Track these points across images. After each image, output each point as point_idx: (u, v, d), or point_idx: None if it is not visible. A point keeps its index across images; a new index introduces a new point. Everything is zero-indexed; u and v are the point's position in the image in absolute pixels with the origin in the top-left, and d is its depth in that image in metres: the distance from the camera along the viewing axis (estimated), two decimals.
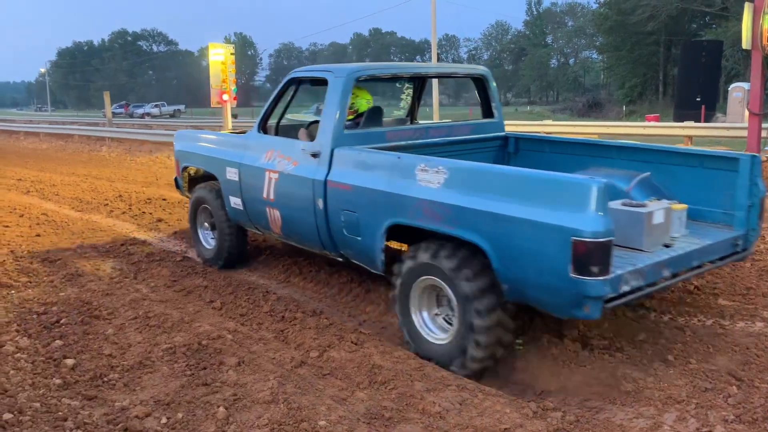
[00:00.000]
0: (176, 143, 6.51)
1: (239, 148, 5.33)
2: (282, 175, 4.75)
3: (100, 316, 4.52)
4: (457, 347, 3.62)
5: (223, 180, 5.50)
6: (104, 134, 23.76)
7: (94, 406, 3.20)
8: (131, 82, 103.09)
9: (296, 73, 5.12)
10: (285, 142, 4.94)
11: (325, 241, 4.54)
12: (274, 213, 4.91)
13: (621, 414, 3.11)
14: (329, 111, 4.46)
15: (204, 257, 6.10)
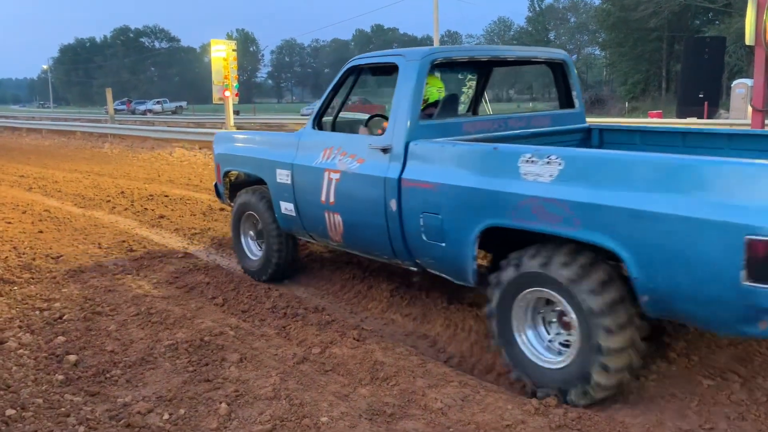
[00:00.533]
0: (216, 146, 5.95)
1: (291, 148, 4.81)
2: (345, 174, 4.24)
3: (103, 313, 4.53)
4: (577, 373, 3.07)
5: (272, 184, 4.99)
6: (106, 131, 23.80)
7: (97, 402, 3.21)
8: (133, 78, 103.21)
9: (357, 61, 4.53)
10: (347, 137, 4.47)
11: (397, 248, 4.02)
12: (335, 218, 4.39)
13: (623, 411, 3.10)
14: (401, 100, 3.94)
15: (248, 269, 5.57)
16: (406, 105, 3.91)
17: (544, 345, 3.32)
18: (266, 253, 5.32)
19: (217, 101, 19.83)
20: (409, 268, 4.16)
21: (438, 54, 4.09)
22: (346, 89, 4.75)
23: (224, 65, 18.78)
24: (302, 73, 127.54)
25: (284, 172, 4.81)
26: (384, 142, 4.01)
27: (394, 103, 3.97)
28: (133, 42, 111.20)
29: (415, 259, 3.99)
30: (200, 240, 7.06)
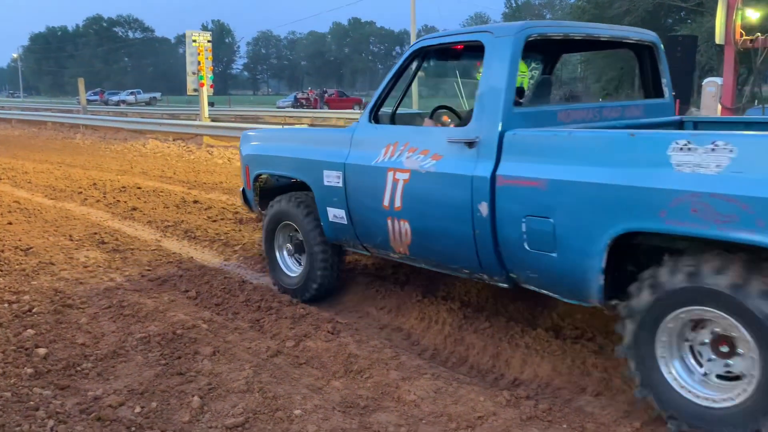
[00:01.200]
0: (244, 146, 5.26)
1: (342, 145, 4.19)
2: (415, 174, 3.64)
3: (73, 305, 4.48)
4: (754, 415, 2.46)
5: (317, 187, 4.36)
6: (78, 121, 23.45)
7: (67, 396, 3.18)
8: (106, 68, 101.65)
9: (425, 42, 3.92)
10: (417, 131, 3.95)
11: (486, 260, 3.40)
12: (400, 226, 3.80)
13: (593, 402, 3.16)
14: (492, 84, 3.36)
15: (285, 287, 4.84)
16: (499, 89, 3.31)
17: (697, 379, 2.72)
18: (308, 268, 4.63)
19: (192, 93, 19.67)
20: (496, 284, 3.56)
21: (533, 29, 3.46)
22: (408, 76, 4.17)
23: (199, 56, 18.62)
24: (278, 66, 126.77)
25: (334, 173, 4.19)
26: (469, 134, 3.40)
27: (481, 89, 3.41)
28: (106, 31, 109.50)
29: (508, 273, 3.39)
30: (173, 232, 6.99)
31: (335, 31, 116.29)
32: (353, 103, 46.50)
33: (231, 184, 10.27)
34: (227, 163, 13.34)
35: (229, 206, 8.28)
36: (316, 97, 45.18)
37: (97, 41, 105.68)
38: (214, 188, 10.00)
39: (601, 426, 2.91)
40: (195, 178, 11.19)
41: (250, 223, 7.27)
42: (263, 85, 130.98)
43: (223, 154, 14.57)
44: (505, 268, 3.37)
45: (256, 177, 5.07)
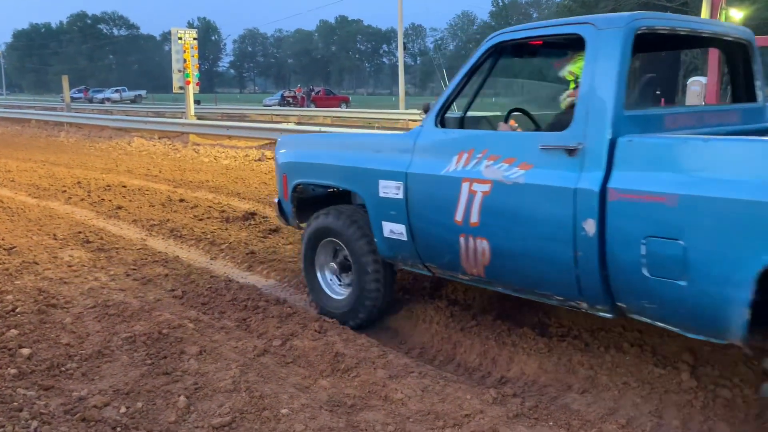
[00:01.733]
0: (281, 152, 4.76)
1: (402, 152, 3.75)
2: (499, 186, 3.20)
3: (57, 305, 4.43)
4: None
5: (371, 199, 3.91)
6: (63, 119, 23.23)
7: (51, 396, 3.14)
8: (91, 66, 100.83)
9: (503, 36, 3.46)
10: (498, 136, 3.52)
11: (589, 287, 2.95)
12: (476, 245, 3.35)
13: (578, 400, 3.18)
14: (596, 84, 2.96)
15: (328, 310, 4.34)
16: (607, 90, 2.91)
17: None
18: (358, 290, 4.13)
19: (178, 90, 19.57)
20: (596, 313, 3.10)
21: (642, 21, 3.03)
22: (481, 75, 3.73)
23: (185, 54, 18.52)
24: (265, 63, 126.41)
25: (392, 183, 3.75)
26: (569, 140, 2.97)
27: (583, 89, 3.01)
28: (91, 28, 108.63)
29: (615, 302, 2.94)
30: (159, 231, 6.95)
31: (322, 29, 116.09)
32: (340, 101, 46.48)
33: (217, 183, 10.22)
34: (213, 162, 13.28)
35: (215, 205, 8.24)
36: (303, 95, 45.08)
37: (81, 38, 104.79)
38: (200, 187, 9.95)
39: (586, 423, 2.93)
40: (181, 176, 11.13)
41: (236, 222, 7.24)
42: (250, 83, 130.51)
43: (210, 152, 14.50)
44: (612, 296, 2.91)
45: (295, 187, 4.56)
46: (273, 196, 8.93)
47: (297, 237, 6.48)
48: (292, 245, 6.20)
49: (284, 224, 4.99)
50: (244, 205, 8.26)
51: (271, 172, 11.45)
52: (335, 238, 4.25)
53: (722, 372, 3.30)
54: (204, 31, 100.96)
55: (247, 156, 13.46)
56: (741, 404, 3.04)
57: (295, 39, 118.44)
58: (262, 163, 12.65)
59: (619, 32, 2.96)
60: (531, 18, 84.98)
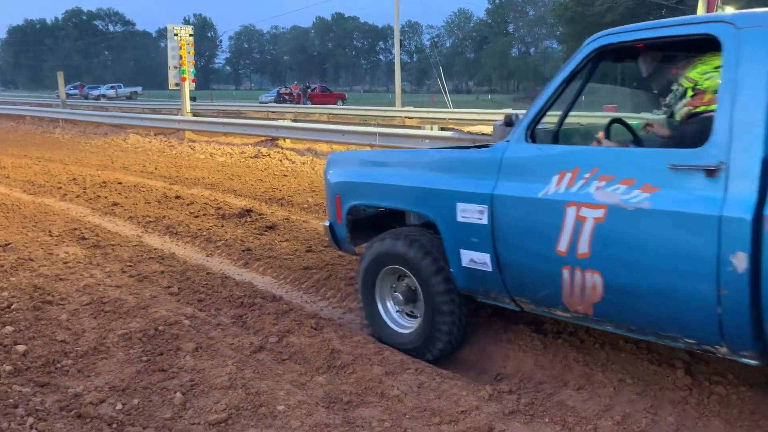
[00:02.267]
0: (334, 171, 4.33)
1: (484, 171, 3.30)
2: (616, 211, 2.76)
3: (53, 302, 4.42)
4: None
5: (447, 224, 3.46)
6: (58, 116, 23.14)
7: (47, 393, 3.14)
8: (86, 62, 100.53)
9: (607, 38, 3.03)
10: (610, 153, 3.03)
11: (733, 330, 2.57)
12: (585, 279, 2.91)
13: (575, 396, 3.19)
14: (739, 93, 2.54)
15: (394, 345, 3.84)
16: (757, 99, 2.50)
17: None
18: (428, 324, 3.67)
19: (174, 87, 19.51)
20: (738, 359, 2.69)
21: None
22: (579, 82, 3.27)
23: (181, 51, 18.48)
24: (261, 60, 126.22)
25: (474, 207, 3.30)
26: (707, 158, 2.56)
27: (722, 99, 2.59)
28: (86, 25, 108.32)
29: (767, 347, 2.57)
30: (155, 228, 6.94)
31: (318, 26, 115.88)
32: (336, 98, 46.48)
33: (213, 180, 10.20)
34: (209, 158, 13.25)
35: (211, 202, 8.22)
36: (299, 92, 45.03)
37: (76, 34, 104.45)
38: (196, 183, 9.93)
39: (582, 419, 2.94)
40: (177, 173, 11.10)
41: (232, 219, 7.24)
42: (246, 80, 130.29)
43: (205, 149, 14.47)
44: (765, 340, 2.54)
45: (350, 209, 4.12)
46: (269, 193, 8.93)
47: (293, 234, 6.48)
48: (288, 242, 6.20)
49: (336, 249, 4.48)
50: (240, 202, 8.25)
51: (268, 169, 11.44)
52: (401, 266, 3.78)
53: (717, 369, 3.32)
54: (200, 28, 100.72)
55: (243, 153, 13.44)
56: (735, 401, 3.05)
57: (292, 36, 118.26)
58: (258, 160, 12.64)
59: (766, 32, 2.56)
60: (527, 15, 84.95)
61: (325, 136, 13.67)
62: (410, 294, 3.84)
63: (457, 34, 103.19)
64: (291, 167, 11.60)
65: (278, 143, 14.40)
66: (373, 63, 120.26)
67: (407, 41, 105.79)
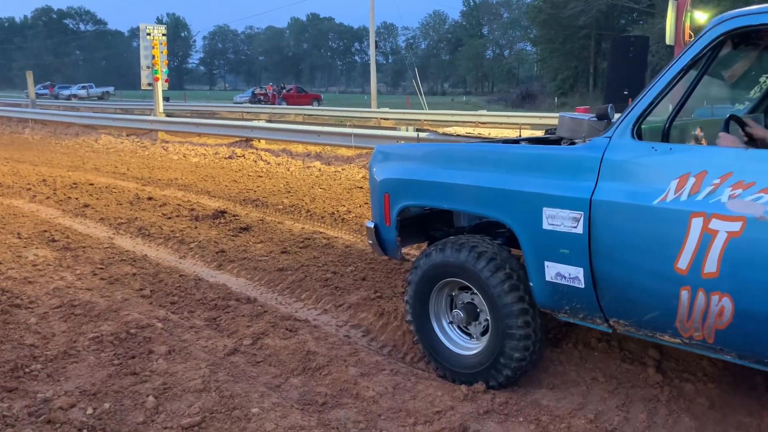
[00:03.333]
0: (381, 166, 3.85)
1: (580, 171, 2.86)
2: (758, 225, 2.34)
3: (21, 305, 4.34)
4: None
5: (529, 232, 3.01)
6: (27, 116, 22.72)
7: (15, 398, 3.08)
8: (57, 62, 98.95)
9: (736, 21, 2.58)
10: (746, 155, 2.51)
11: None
12: (710, 301, 2.51)
13: (548, 395, 3.21)
14: None
15: (450, 366, 3.40)
16: None
17: None
18: (497, 346, 3.17)
19: (146, 87, 19.29)
20: None
21: None
22: (695, 74, 2.79)
23: (153, 50, 18.29)
24: (236, 60, 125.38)
25: (566, 213, 2.86)
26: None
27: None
28: (56, 23, 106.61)
29: None
30: (127, 230, 6.84)
31: (293, 27, 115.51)
32: (312, 99, 46.39)
33: (186, 181, 10.10)
34: (182, 159, 13.12)
35: (185, 203, 8.14)
36: (275, 92, 44.82)
37: (46, 33, 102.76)
38: (169, 185, 9.82)
39: (556, 418, 2.96)
40: (149, 174, 10.97)
41: (206, 220, 7.17)
42: (220, 80, 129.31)
43: (179, 150, 14.32)
44: None
45: (401, 210, 3.66)
46: (243, 194, 8.87)
47: (268, 236, 6.45)
48: (263, 243, 6.16)
49: (380, 255, 3.97)
50: (214, 204, 8.18)
51: (243, 170, 11.36)
52: (464, 280, 3.31)
53: (687, 367, 3.37)
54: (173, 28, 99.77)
55: (217, 154, 13.33)
56: (704, 398, 3.11)
57: (267, 36, 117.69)
58: (233, 160, 12.54)
59: None
60: (501, 18, 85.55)
61: (300, 137, 13.62)
62: (471, 311, 3.38)
63: (432, 35, 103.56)
64: (266, 168, 11.54)
65: (253, 144, 14.31)
66: (349, 64, 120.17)
67: (383, 43, 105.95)
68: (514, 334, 3.11)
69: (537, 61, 63.90)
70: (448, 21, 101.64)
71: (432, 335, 3.49)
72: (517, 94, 48.77)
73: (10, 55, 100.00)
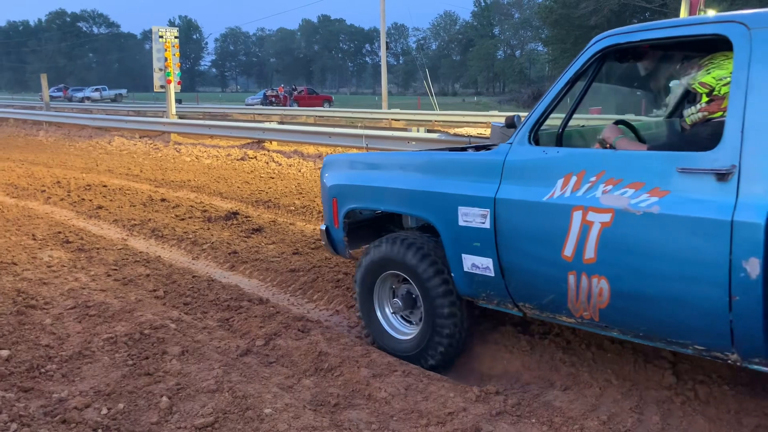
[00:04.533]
0: (330, 174, 4.26)
1: (487, 174, 3.25)
2: (623, 215, 2.70)
3: (37, 306, 4.38)
4: None
5: (448, 228, 3.40)
6: (41, 118, 22.92)
7: (31, 398, 3.11)
8: (70, 64, 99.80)
9: (612, 38, 3.01)
10: (617, 156, 2.90)
11: (745, 337, 2.53)
12: (591, 284, 2.87)
13: (560, 397, 3.20)
14: (750, 93, 2.51)
15: (393, 352, 3.80)
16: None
17: None
18: (428, 330, 3.62)
19: (159, 89, 19.40)
20: (748, 366, 2.63)
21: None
22: (583, 85, 3.17)
23: (166, 53, 18.39)
24: (247, 62, 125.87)
25: (476, 211, 3.24)
26: (718, 161, 2.51)
27: (733, 100, 2.55)
28: (70, 27, 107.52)
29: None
30: (140, 231, 6.89)
31: (304, 29, 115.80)
32: (323, 101, 46.50)
33: (199, 182, 10.15)
34: (195, 161, 13.19)
35: (197, 204, 8.18)
36: (286, 94, 44.96)
37: (60, 36, 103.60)
38: (181, 186, 9.88)
39: (568, 420, 2.95)
40: (162, 175, 11.04)
41: (218, 221, 7.21)
42: (232, 82, 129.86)
43: (191, 151, 14.40)
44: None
45: (347, 213, 4.05)
46: (255, 195, 8.90)
47: (280, 237, 6.47)
48: (275, 245, 6.19)
49: (332, 254, 4.37)
50: (227, 205, 8.21)
51: (255, 171, 11.41)
52: (400, 271, 3.72)
53: (701, 369, 3.35)
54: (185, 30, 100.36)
55: (230, 155, 13.39)
56: (719, 400, 3.08)
57: (278, 38, 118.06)
58: (245, 162, 12.59)
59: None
60: (512, 18, 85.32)
61: (311, 139, 13.65)
62: (409, 300, 3.77)
63: (443, 36, 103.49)
64: (277, 169, 11.57)
65: (265, 145, 14.36)
66: (360, 65, 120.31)
67: (393, 44, 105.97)
68: (443, 313, 3.53)
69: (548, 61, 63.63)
70: (458, 21, 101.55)
71: (377, 324, 3.94)
72: (528, 95, 48.63)
73: (24, 59, 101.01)
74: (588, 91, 3.17)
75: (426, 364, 3.63)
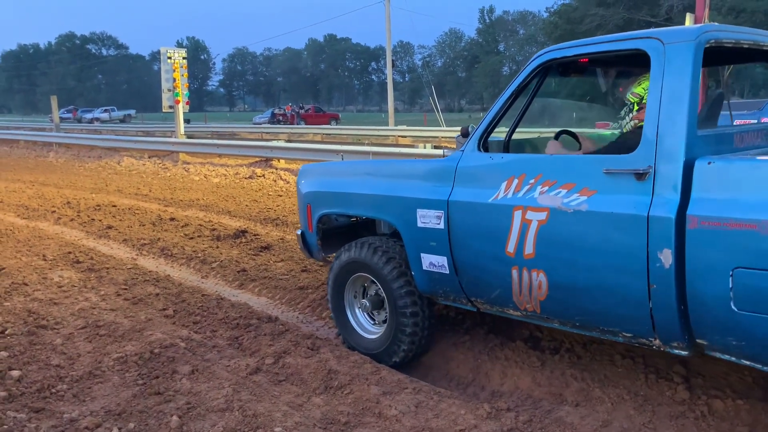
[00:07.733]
0: (305, 181, 4.50)
1: (440, 179, 3.51)
2: (557, 213, 2.96)
3: (47, 326, 4.40)
4: None
5: (407, 230, 3.66)
6: (51, 139, 23.18)
7: (42, 419, 3.11)
8: (79, 86, 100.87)
9: (552, 53, 3.22)
10: (552, 160, 3.22)
11: (664, 322, 2.74)
12: (531, 278, 3.11)
13: (573, 413, 3.18)
14: (664, 102, 2.73)
15: (362, 350, 4.03)
16: (680, 108, 2.70)
17: None
18: (394, 328, 3.83)
19: (167, 109, 19.56)
20: (670, 350, 2.85)
21: (712, 34, 2.83)
22: (526, 96, 3.45)
23: (174, 73, 18.57)
24: (254, 82, 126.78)
25: (432, 213, 3.50)
26: (637, 162, 2.75)
27: (650, 109, 2.79)
28: (79, 49, 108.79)
29: (694, 339, 2.74)
30: (149, 251, 6.92)
31: (311, 48, 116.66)
32: (330, 119, 46.76)
33: (207, 201, 10.20)
34: (204, 180, 13.26)
35: (206, 223, 8.22)
36: (293, 113, 45.24)
37: (69, 58, 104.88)
38: (190, 205, 9.93)
39: None
40: (171, 195, 11.10)
41: (227, 240, 7.23)
42: (239, 102, 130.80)
43: (200, 170, 14.48)
44: (691, 332, 2.71)
45: (320, 218, 4.31)
46: (263, 213, 8.93)
47: (288, 254, 6.48)
48: (284, 262, 6.20)
49: (308, 257, 4.61)
50: (235, 223, 8.24)
51: (263, 189, 11.46)
52: (367, 273, 3.95)
53: (715, 383, 3.32)
54: (193, 50, 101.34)
55: (238, 174, 13.46)
56: (733, 414, 3.05)
57: (285, 57, 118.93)
58: (253, 180, 12.65)
59: (689, 46, 2.73)
60: (517, 34, 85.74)
61: (319, 156, 13.70)
62: (376, 300, 4.01)
63: (448, 53, 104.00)
64: (285, 187, 11.62)
65: (272, 164, 14.43)
66: (366, 83, 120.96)
67: (399, 61, 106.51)
68: (406, 312, 3.75)
69: None
70: (464, 38, 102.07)
71: (347, 324, 4.16)
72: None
73: (34, 81, 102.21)
74: (532, 102, 3.46)
75: (390, 361, 3.86)
